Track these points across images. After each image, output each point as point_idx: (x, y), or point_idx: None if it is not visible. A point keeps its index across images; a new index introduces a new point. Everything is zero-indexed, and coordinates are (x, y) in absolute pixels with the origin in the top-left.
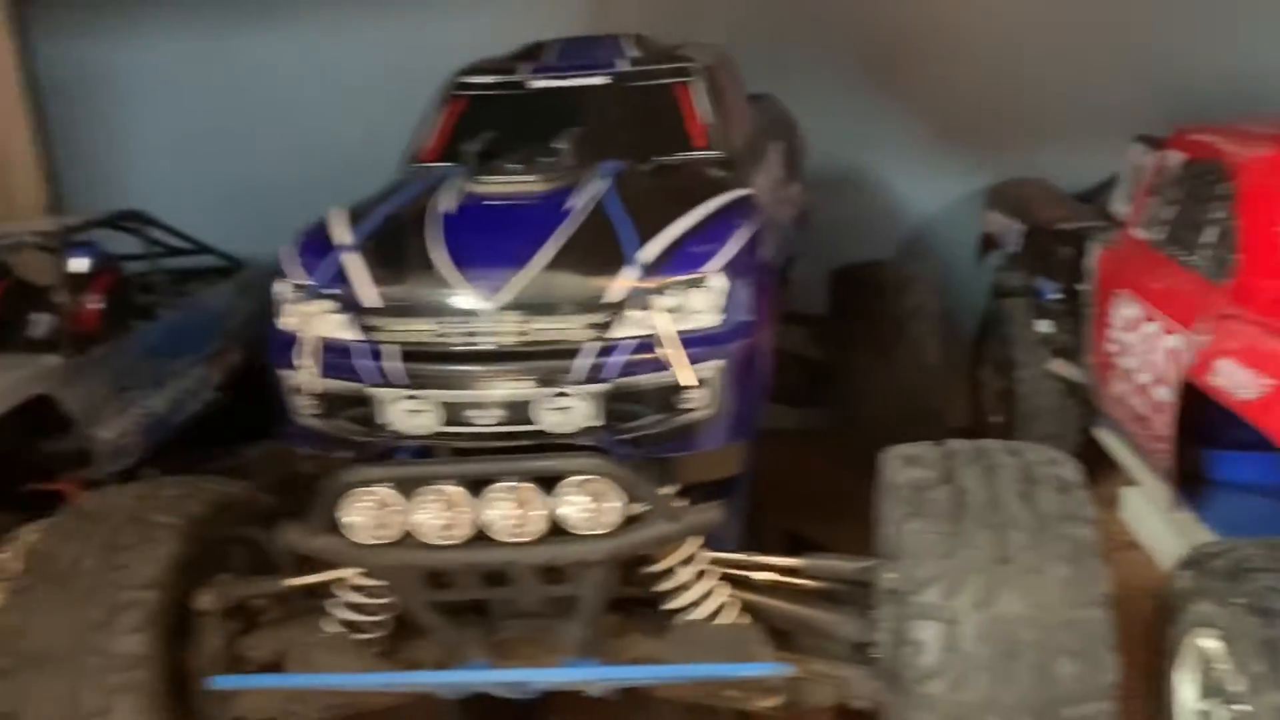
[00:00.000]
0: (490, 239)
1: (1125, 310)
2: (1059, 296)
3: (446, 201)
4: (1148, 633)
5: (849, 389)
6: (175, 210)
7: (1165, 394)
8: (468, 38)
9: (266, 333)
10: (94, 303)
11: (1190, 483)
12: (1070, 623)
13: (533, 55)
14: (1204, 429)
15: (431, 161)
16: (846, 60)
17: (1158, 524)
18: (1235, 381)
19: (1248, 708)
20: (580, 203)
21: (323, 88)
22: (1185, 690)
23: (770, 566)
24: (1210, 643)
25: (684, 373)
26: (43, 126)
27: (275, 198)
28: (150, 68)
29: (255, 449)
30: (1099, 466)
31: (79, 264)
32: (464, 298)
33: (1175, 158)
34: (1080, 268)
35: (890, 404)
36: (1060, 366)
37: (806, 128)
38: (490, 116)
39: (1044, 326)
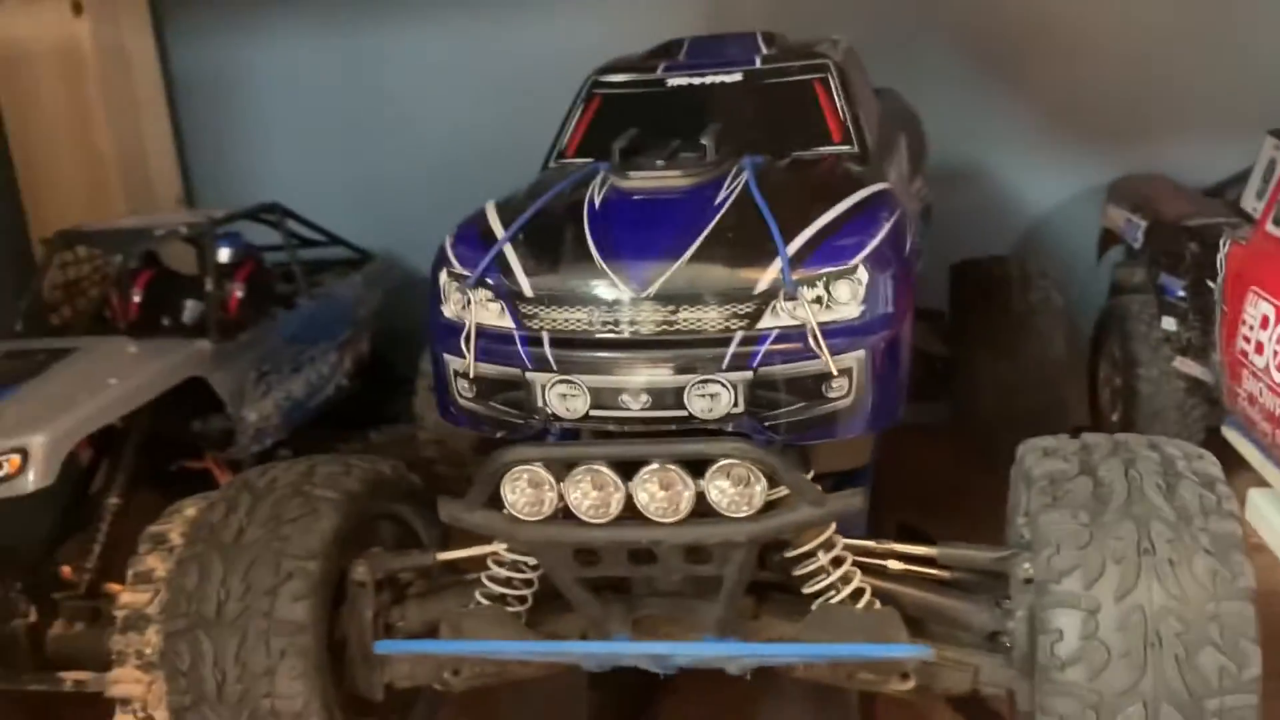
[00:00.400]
0: (638, 232)
1: (1258, 307)
2: (1184, 293)
3: (594, 196)
4: None
5: (971, 384)
6: (300, 203)
7: None
8: (592, 37)
9: (391, 323)
10: (238, 291)
11: None
12: (1213, 615)
13: (668, 53)
14: None
15: (572, 158)
16: (968, 55)
17: None
18: None
19: None
20: (726, 196)
21: (447, 85)
22: None
23: (903, 555)
24: None
25: (825, 363)
26: (177, 122)
27: (398, 192)
28: (279, 66)
29: (380, 434)
30: (1225, 468)
31: (223, 254)
32: (614, 288)
33: None
34: (1208, 264)
35: (1013, 399)
36: (1185, 365)
37: (927, 122)
38: (629, 113)
39: (1169, 324)
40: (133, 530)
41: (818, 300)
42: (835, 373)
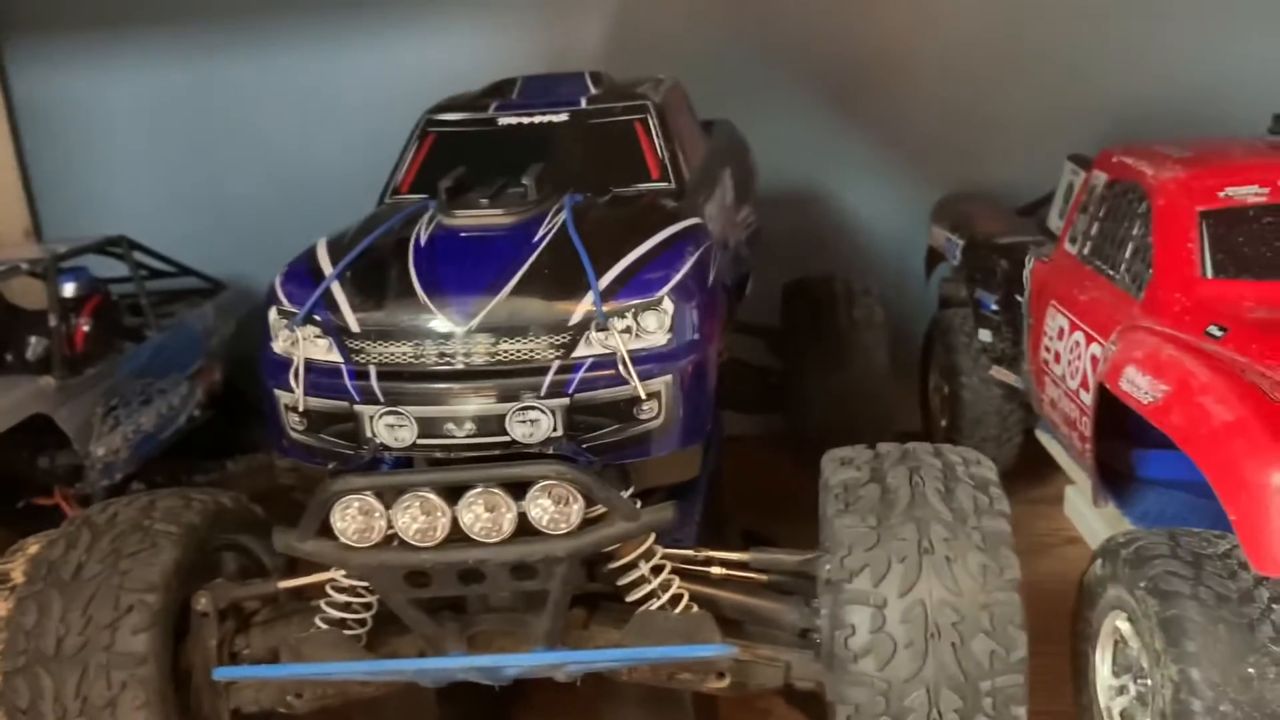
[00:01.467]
0: (461, 268)
1: (1055, 320)
2: (997, 307)
3: (420, 233)
4: (1072, 618)
5: (802, 396)
6: (151, 234)
7: (1088, 398)
8: (439, 70)
9: (245, 352)
10: (84, 325)
11: (1120, 479)
12: (985, 605)
13: (500, 92)
14: (1132, 429)
15: (406, 194)
16: (804, 85)
17: (1092, 519)
18: (1139, 387)
19: (1149, 680)
20: (544, 234)
21: (295, 116)
22: (1103, 668)
23: (721, 560)
24: (1122, 624)
25: (635, 388)
26: (21, 153)
27: (249, 220)
28: (125, 96)
29: (237, 463)
30: (1046, 467)
31: (68, 288)
32: (438, 322)
33: (1100, 177)
34: (1017, 280)
35: (840, 410)
36: (1000, 373)
37: (766, 149)
38: (460, 151)
39: (985, 335)
40: None
41: (627, 330)
42: (644, 396)
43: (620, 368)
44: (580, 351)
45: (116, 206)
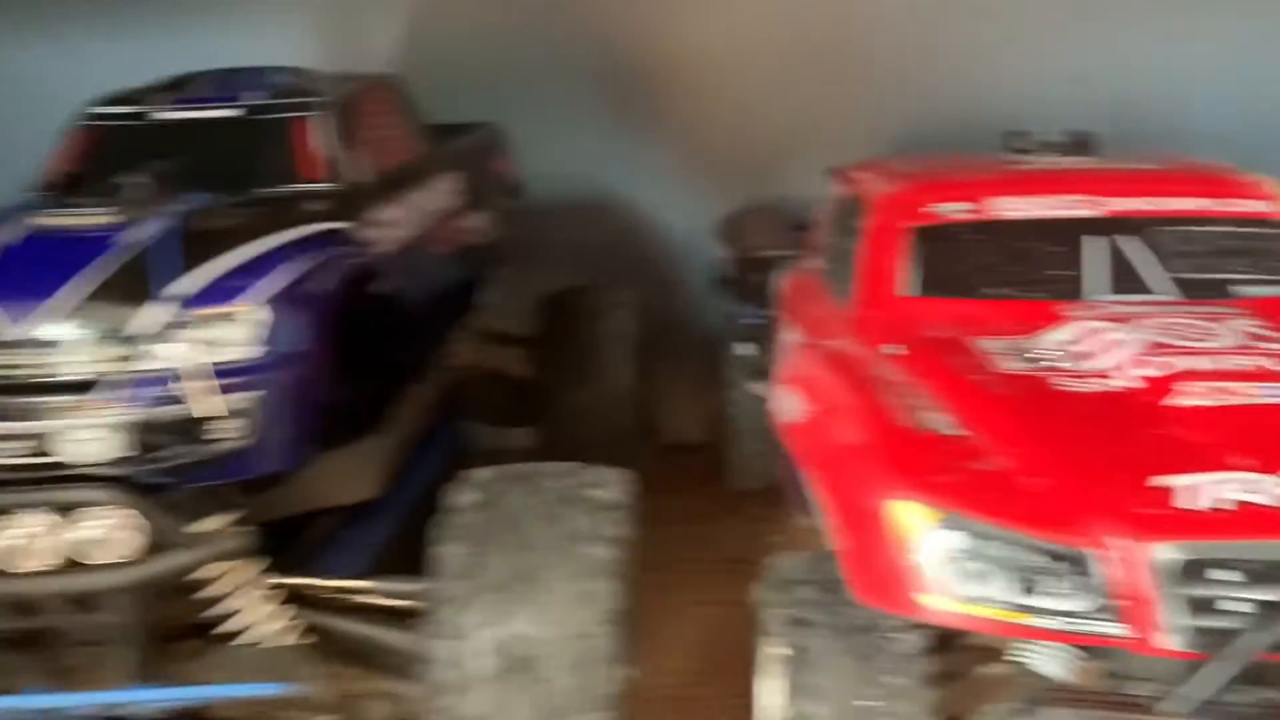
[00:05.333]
0: (31, 273)
1: (789, 335)
2: (755, 321)
3: (8, 235)
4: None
5: (554, 409)
6: None
7: None
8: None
9: None
10: None
11: None
12: (575, 638)
13: (177, 86)
14: None
15: (51, 191)
16: (595, 92)
17: None
18: (783, 404)
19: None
20: (130, 237)
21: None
22: (767, 698)
23: (341, 588)
24: (774, 650)
25: (208, 404)
26: None
27: None
28: None
29: None
30: None
31: None
32: None
33: (836, 191)
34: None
35: (586, 423)
36: (757, 387)
37: (557, 156)
38: (112, 147)
39: (743, 349)
40: None
41: (206, 341)
42: (219, 415)
43: (188, 382)
44: (143, 364)
45: None
